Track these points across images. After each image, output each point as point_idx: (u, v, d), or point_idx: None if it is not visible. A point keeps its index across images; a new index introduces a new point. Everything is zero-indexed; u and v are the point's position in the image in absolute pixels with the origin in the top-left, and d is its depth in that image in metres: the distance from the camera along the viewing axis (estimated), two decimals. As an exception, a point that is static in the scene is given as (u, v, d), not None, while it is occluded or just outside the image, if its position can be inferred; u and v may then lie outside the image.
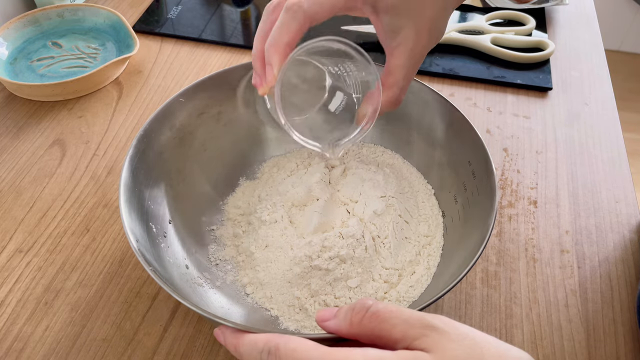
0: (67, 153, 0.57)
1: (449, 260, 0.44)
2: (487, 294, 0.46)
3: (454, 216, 0.46)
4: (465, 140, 0.45)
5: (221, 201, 0.50)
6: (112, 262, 0.48)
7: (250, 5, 0.76)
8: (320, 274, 0.42)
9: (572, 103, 0.63)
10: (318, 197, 0.49)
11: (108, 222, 0.51)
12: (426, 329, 0.26)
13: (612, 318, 0.45)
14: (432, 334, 0.26)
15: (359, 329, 0.28)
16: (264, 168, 0.53)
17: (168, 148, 0.47)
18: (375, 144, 0.54)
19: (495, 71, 0.66)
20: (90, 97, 0.63)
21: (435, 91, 0.48)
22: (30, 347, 0.42)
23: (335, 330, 0.29)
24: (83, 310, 0.44)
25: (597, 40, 0.72)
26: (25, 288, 0.46)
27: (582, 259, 0.49)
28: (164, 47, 0.70)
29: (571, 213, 0.52)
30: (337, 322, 0.29)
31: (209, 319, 0.34)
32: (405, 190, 0.50)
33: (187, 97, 0.48)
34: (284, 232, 0.47)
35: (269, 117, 0.45)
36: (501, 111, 0.62)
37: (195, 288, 0.43)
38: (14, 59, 0.66)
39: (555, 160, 0.57)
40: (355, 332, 0.28)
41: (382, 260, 0.44)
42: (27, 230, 0.50)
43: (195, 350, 0.42)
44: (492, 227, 0.38)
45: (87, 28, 0.70)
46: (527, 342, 0.43)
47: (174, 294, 0.34)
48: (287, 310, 0.42)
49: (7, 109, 0.62)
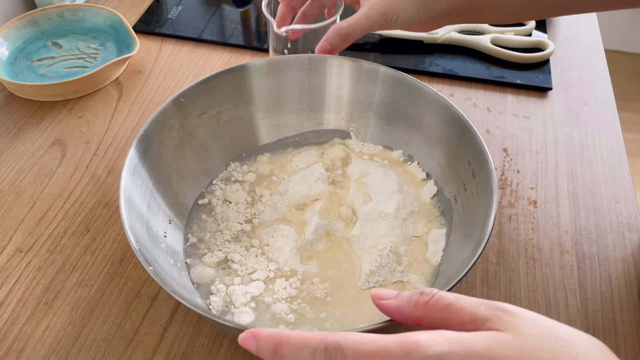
0: (67, 153, 0.57)
1: (448, 260, 0.44)
2: (487, 294, 0.46)
3: (453, 216, 0.46)
4: (465, 140, 0.45)
5: (221, 201, 0.50)
6: (112, 262, 0.48)
7: (250, 6, 0.76)
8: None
9: (572, 103, 0.63)
10: (318, 197, 0.49)
11: (108, 222, 0.51)
12: (497, 310, 0.26)
13: (612, 318, 0.45)
14: (504, 315, 0.25)
15: (424, 311, 0.27)
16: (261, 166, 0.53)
17: (168, 148, 0.47)
18: (375, 143, 0.54)
19: (495, 71, 0.66)
20: (91, 97, 0.63)
21: (435, 91, 0.48)
22: (30, 347, 0.42)
23: (396, 310, 0.28)
24: (83, 310, 0.44)
25: (597, 40, 0.72)
26: (25, 288, 0.46)
27: (582, 259, 0.49)
28: (164, 47, 0.70)
29: (571, 213, 0.52)
30: (399, 303, 0.28)
31: (209, 319, 0.34)
32: (405, 190, 0.50)
33: (187, 97, 0.48)
34: (286, 234, 0.47)
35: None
36: (501, 111, 0.62)
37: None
38: (14, 59, 0.66)
39: (555, 160, 0.57)
40: (419, 314, 0.27)
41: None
42: (27, 230, 0.50)
43: (196, 350, 0.42)
44: (491, 227, 0.38)
45: (87, 28, 0.70)
46: (527, 342, 0.43)
47: (174, 294, 0.34)
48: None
49: (7, 109, 0.62)
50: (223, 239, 0.47)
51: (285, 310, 0.42)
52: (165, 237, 0.44)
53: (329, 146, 0.54)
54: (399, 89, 0.50)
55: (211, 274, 0.44)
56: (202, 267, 0.45)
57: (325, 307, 0.43)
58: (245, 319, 0.41)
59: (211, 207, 0.49)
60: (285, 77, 0.52)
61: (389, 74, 0.50)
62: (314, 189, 0.49)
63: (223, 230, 0.47)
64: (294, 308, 0.42)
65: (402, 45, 0.69)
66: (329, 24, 0.54)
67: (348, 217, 0.48)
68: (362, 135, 0.54)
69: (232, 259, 0.45)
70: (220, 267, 0.45)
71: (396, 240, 0.46)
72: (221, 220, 0.48)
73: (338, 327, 0.41)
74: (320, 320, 0.42)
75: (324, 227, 0.47)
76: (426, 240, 0.47)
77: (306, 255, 0.46)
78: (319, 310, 0.42)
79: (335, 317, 0.42)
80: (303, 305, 0.42)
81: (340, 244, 0.47)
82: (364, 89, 0.52)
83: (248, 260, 0.45)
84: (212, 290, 0.43)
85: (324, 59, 0.51)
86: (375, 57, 0.68)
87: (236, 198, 0.50)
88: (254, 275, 0.44)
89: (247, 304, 0.42)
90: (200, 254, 0.46)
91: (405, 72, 0.50)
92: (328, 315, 0.42)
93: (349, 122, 0.54)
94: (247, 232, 0.48)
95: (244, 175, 0.52)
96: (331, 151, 0.54)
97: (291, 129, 0.54)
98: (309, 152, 0.54)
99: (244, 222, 0.48)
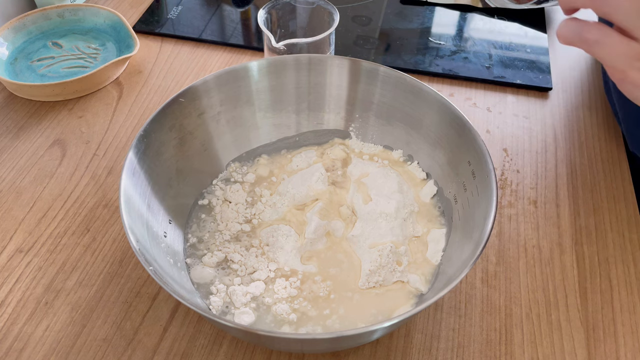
0: (68, 153, 0.57)
1: (448, 260, 0.44)
2: (487, 294, 0.46)
3: (453, 216, 0.46)
4: (465, 140, 0.45)
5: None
6: (112, 262, 0.48)
7: (250, 6, 0.76)
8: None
9: (572, 103, 0.63)
10: (318, 197, 0.49)
11: (108, 222, 0.51)
12: None
13: (612, 318, 0.45)
14: None
15: None
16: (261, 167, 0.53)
17: (168, 148, 0.47)
18: (375, 143, 0.54)
19: (495, 71, 0.66)
20: (91, 97, 0.63)
21: (435, 91, 0.48)
22: (30, 347, 0.42)
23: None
24: (83, 310, 0.44)
25: (597, 40, 0.72)
26: (25, 288, 0.46)
27: (582, 259, 0.49)
28: (164, 47, 0.70)
29: (571, 213, 0.52)
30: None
31: (209, 319, 0.34)
32: (405, 190, 0.50)
33: (187, 97, 0.48)
34: (287, 234, 0.47)
35: None
36: (501, 111, 0.62)
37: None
38: (14, 59, 0.66)
39: (555, 160, 0.57)
40: None
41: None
42: (27, 230, 0.50)
43: (196, 350, 0.42)
44: (491, 227, 0.38)
45: (88, 28, 0.70)
46: (527, 342, 0.43)
47: (174, 294, 0.34)
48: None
49: (7, 109, 0.62)
50: (223, 239, 0.47)
51: (287, 310, 0.42)
52: (165, 237, 0.44)
53: (329, 146, 0.54)
54: (399, 89, 0.50)
55: (211, 274, 0.44)
56: (202, 267, 0.45)
57: (329, 304, 0.43)
58: (246, 319, 0.41)
59: (211, 207, 0.49)
60: (285, 77, 0.52)
61: (389, 74, 0.50)
62: (314, 189, 0.49)
63: (223, 231, 0.47)
64: (295, 307, 0.42)
65: (402, 45, 0.69)
66: (324, 37, 0.55)
67: (348, 217, 0.48)
68: (362, 135, 0.54)
69: (232, 259, 0.45)
70: (220, 267, 0.45)
71: (396, 240, 0.46)
72: (221, 220, 0.48)
73: (340, 325, 0.41)
74: (323, 317, 0.42)
75: (324, 227, 0.47)
76: (426, 240, 0.47)
77: (306, 255, 0.46)
78: (322, 308, 0.42)
79: (338, 314, 0.42)
80: (305, 304, 0.43)
81: (340, 244, 0.47)
82: (364, 89, 0.52)
83: (248, 260, 0.45)
84: (212, 290, 0.43)
85: (324, 59, 0.52)
86: (375, 57, 0.68)
87: (236, 198, 0.50)
88: (254, 275, 0.44)
89: (248, 304, 0.42)
90: (200, 254, 0.46)
91: (405, 72, 0.50)
92: (332, 312, 0.42)
93: (349, 122, 0.54)
94: (247, 232, 0.48)
95: (244, 176, 0.52)
96: (331, 151, 0.54)
97: (291, 129, 0.54)
98: (309, 152, 0.54)
99: (243, 222, 0.48)
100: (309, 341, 0.36)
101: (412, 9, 0.75)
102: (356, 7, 0.75)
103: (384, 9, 0.75)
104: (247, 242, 0.47)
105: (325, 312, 0.42)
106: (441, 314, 0.44)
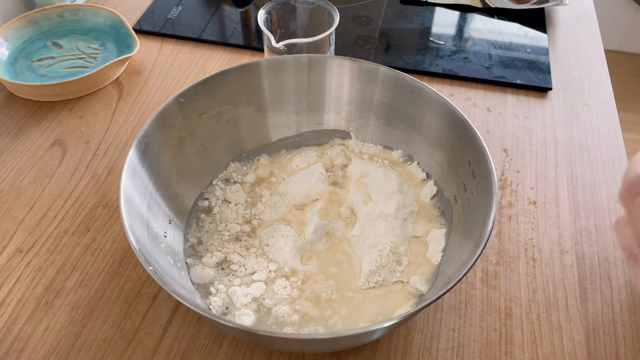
0: (68, 153, 0.57)
1: (448, 260, 0.44)
2: (487, 294, 0.46)
3: (453, 216, 0.46)
4: (465, 140, 0.45)
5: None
6: (112, 262, 0.48)
7: (250, 6, 0.76)
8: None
9: (572, 103, 0.63)
10: (318, 197, 0.49)
11: (108, 222, 0.51)
12: None
13: (612, 318, 0.45)
14: None
15: None
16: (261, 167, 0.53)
17: (168, 148, 0.47)
18: (375, 143, 0.54)
19: (495, 71, 0.66)
20: (91, 97, 0.63)
21: (435, 91, 0.48)
22: (30, 347, 0.42)
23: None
24: (83, 310, 0.44)
25: (596, 40, 0.72)
26: (25, 288, 0.46)
27: (582, 259, 0.49)
28: (164, 47, 0.70)
29: (571, 213, 0.52)
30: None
31: (209, 319, 0.34)
32: (405, 190, 0.50)
33: (187, 97, 0.48)
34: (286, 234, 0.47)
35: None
36: (501, 111, 0.62)
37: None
38: (14, 59, 0.66)
39: (555, 160, 0.57)
40: None
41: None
42: (27, 230, 0.50)
43: (196, 350, 0.42)
44: (491, 227, 0.38)
45: (88, 28, 0.70)
46: (527, 342, 0.43)
47: (174, 294, 0.34)
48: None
49: (7, 109, 0.62)
50: (222, 240, 0.47)
51: (288, 311, 0.42)
52: (165, 237, 0.44)
53: (329, 146, 0.54)
54: (399, 89, 0.50)
55: (211, 274, 0.44)
56: (202, 268, 0.45)
57: (332, 304, 0.43)
58: (246, 320, 0.41)
59: (211, 207, 0.49)
60: (285, 77, 0.52)
61: (389, 74, 0.50)
62: (314, 189, 0.49)
63: (222, 231, 0.47)
64: (297, 308, 0.42)
65: (402, 45, 0.69)
66: (324, 37, 0.55)
67: (348, 217, 0.48)
68: (362, 135, 0.54)
69: (232, 260, 0.45)
70: (219, 268, 0.45)
71: (396, 240, 0.46)
72: (220, 220, 0.48)
73: (342, 325, 0.41)
74: (325, 318, 0.42)
75: (324, 227, 0.47)
76: (426, 240, 0.47)
77: (306, 255, 0.46)
78: (324, 308, 0.42)
79: (340, 314, 0.42)
80: (306, 304, 0.43)
81: (340, 244, 0.47)
82: (364, 89, 0.52)
83: (248, 261, 0.45)
84: (211, 290, 0.43)
85: (324, 59, 0.52)
86: (375, 57, 0.68)
87: (236, 198, 0.50)
88: (255, 276, 0.44)
89: (248, 305, 0.42)
90: (200, 255, 0.46)
91: (405, 72, 0.51)
92: (333, 312, 0.42)
93: (349, 122, 0.54)
94: (246, 232, 0.48)
95: (244, 176, 0.52)
96: (331, 151, 0.54)
97: (291, 129, 0.55)
98: (309, 152, 0.54)
99: (243, 222, 0.48)
100: (308, 341, 0.36)
101: (412, 9, 0.75)
102: (356, 7, 0.75)
103: (384, 9, 0.75)
104: (247, 243, 0.47)
105: (327, 312, 0.42)
106: (441, 314, 0.44)
